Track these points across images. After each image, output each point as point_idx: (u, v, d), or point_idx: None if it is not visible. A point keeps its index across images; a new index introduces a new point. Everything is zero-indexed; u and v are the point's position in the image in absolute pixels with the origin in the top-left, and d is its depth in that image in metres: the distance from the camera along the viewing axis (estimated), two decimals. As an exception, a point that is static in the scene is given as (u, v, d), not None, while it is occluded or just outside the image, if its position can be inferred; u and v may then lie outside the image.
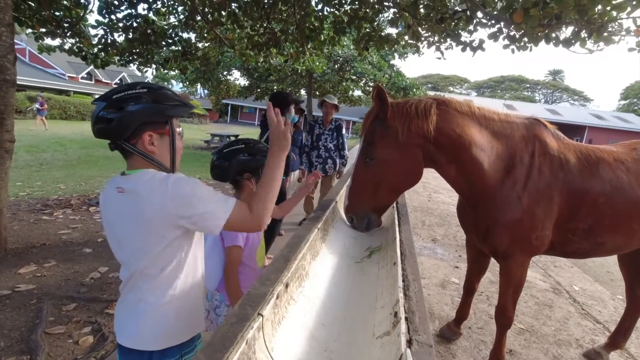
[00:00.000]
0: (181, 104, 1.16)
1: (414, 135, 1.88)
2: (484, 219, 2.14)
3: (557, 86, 64.68)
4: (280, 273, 1.02)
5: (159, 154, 1.14)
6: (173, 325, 1.15)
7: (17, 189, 6.14)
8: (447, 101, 2.02)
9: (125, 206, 1.07)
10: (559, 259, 5.27)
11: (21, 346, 2.40)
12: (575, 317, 3.59)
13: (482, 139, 1.99)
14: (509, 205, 2.03)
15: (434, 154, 1.96)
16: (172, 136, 1.16)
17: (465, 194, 2.21)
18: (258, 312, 0.81)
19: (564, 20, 3.25)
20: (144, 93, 1.08)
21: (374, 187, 1.90)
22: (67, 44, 6.24)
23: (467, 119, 1.99)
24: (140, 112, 1.07)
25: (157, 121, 1.12)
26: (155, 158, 1.13)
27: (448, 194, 9.45)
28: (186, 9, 6.55)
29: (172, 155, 1.16)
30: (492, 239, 2.13)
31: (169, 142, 1.15)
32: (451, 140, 1.93)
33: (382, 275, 1.33)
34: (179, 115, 1.18)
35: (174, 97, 1.15)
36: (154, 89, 1.12)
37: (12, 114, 3.41)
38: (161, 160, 1.14)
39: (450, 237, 5.85)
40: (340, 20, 5.80)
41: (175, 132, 1.17)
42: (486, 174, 2.01)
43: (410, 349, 0.74)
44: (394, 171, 1.90)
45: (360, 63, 14.94)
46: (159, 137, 1.13)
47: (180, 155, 1.22)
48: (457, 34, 5.20)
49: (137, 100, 1.07)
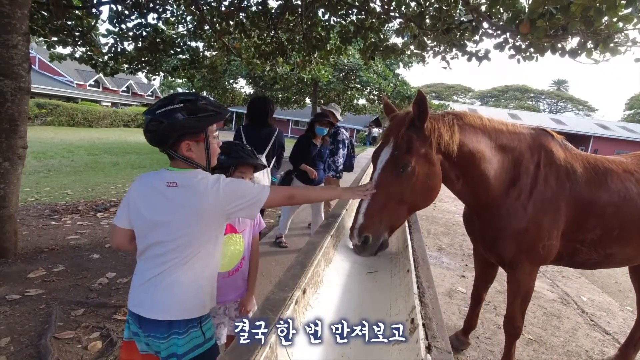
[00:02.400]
0: (214, 113, 1.32)
1: (440, 150, 1.82)
2: (490, 229, 2.14)
3: (561, 96, 64.68)
4: (298, 279, 1.04)
5: (197, 157, 1.34)
6: (200, 299, 1.35)
7: (25, 195, 6.20)
8: (463, 115, 2.00)
9: (179, 197, 1.28)
10: (566, 269, 5.23)
11: (30, 351, 2.41)
12: (584, 328, 3.55)
13: (490, 154, 1.98)
14: (515, 215, 2.03)
15: (446, 170, 1.90)
16: (207, 142, 1.34)
17: (471, 205, 2.21)
18: (279, 317, 0.82)
19: (570, 31, 3.28)
20: (180, 108, 1.25)
21: (399, 202, 1.74)
22: (77, 52, 6.36)
23: (480, 134, 1.97)
24: (177, 125, 1.25)
25: (193, 131, 1.29)
26: (194, 160, 1.33)
27: (453, 203, 9.43)
28: (195, 19, 6.66)
29: (207, 157, 1.36)
30: (498, 249, 2.13)
31: (204, 147, 1.34)
32: (464, 157, 1.89)
33: (395, 283, 1.33)
34: (213, 124, 1.35)
35: (209, 107, 1.31)
36: (190, 101, 1.28)
37: (25, 121, 3.47)
38: (199, 162, 1.35)
39: (456, 246, 5.83)
40: (347, 30, 5.87)
41: (210, 138, 1.35)
42: (492, 186, 2.01)
43: (430, 355, 0.75)
44: (424, 185, 1.77)
45: (365, 72, 15.03)
46: (196, 144, 1.32)
47: (217, 154, 1.43)
48: (463, 44, 5.24)
49: (174, 114, 1.24)
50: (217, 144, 1.43)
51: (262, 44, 6.60)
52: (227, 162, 1.68)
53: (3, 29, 3.14)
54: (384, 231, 1.70)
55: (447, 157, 1.85)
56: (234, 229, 1.74)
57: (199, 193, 1.27)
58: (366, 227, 1.65)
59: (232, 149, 1.70)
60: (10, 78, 3.24)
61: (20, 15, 3.19)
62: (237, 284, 1.78)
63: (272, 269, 4.05)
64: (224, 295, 1.73)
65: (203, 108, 1.28)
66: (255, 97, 5.26)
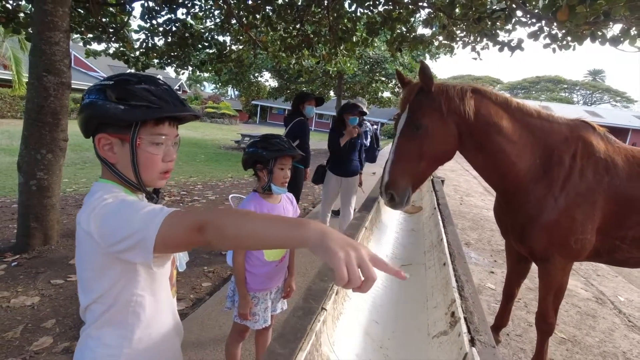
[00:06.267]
0: (155, 107, 0.87)
1: (452, 112, 1.93)
2: (519, 217, 2.10)
3: (597, 87, 61.49)
4: (337, 270, 1.05)
5: (121, 162, 0.91)
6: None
7: (64, 185, 6.51)
8: (483, 90, 2.03)
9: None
10: (601, 268, 5.03)
11: (74, 332, 2.56)
12: (621, 329, 3.42)
13: (512, 132, 1.99)
14: (545, 205, 1.99)
15: (465, 136, 1.99)
16: (133, 145, 0.88)
17: (497, 187, 2.19)
18: (322, 306, 0.84)
19: (612, 17, 3.11)
20: (108, 86, 0.87)
21: (418, 158, 1.93)
22: (111, 48, 6.59)
23: (501, 110, 2.00)
24: (95, 108, 0.86)
25: (115, 123, 0.87)
26: (115, 167, 0.91)
27: (480, 198, 9.21)
28: (222, 13, 6.75)
29: (133, 167, 0.90)
30: (528, 239, 2.09)
31: (130, 151, 0.89)
32: (480, 126, 1.95)
33: (431, 276, 1.33)
34: (149, 118, 0.88)
35: (151, 96, 0.87)
36: (125, 81, 0.88)
37: (66, 115, 3.64)
38: (124, 173, 0.91)
39: (485, 242, 5.71)
40: (374, 21, 5.79)
41: (144, 140, 0.89)
42: (516, 167, 2.00)
43: (474, 348, 0.75)
44: (439, 140, 1.94)
45: (391, 64, 14.82)
46: (120, 143, 0.89)
47: (158, 170, 0.94)
48: (495, 33, 5.08)
49: (99, 93, 0.86)
50: (167, 157, 0.94)
51: (288, 37, 6.62)
52: (266, 155, 1.69)
53: (46, 27, 3.29)
54: (406, 187, 1.89)
55: (463, 120, 1.94)
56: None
57: (78, 222, 0.85)
58: (390, 185, 1.88)
59: (269, 142, 1.71)
60: (53, 74, 3.40)
61: (61, 13, 3.33)
62: (284, 269, 1.91)
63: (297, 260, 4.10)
64: (275, 281, 1.86)
65: (140, 95, 0.86)
66: (300, 92, 5.58)
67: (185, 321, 2.74)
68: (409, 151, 1.93)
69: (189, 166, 9.77)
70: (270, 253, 1.78)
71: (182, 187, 7.34)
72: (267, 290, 1.83)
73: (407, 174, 1.93)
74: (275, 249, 1.69)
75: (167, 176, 0.96)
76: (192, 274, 3.61)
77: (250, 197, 1.79)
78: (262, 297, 1.82)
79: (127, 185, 0.92)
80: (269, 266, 1.79)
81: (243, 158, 1.81)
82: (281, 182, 1.74)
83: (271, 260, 1.79)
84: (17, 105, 18.12)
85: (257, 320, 1.79)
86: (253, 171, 1.83)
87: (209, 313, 2.86)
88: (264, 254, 1.77)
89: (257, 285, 1.78)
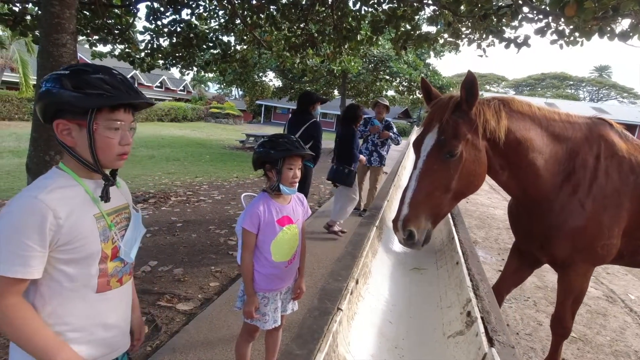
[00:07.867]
0: (108, 95, 0.97)
1: (486, 136, 1.75)
2: (541, 227, 2.00)
3: (603, 83, 60.88)
4: (350, 269, 1.04)
5: (80, 146, 1.01)
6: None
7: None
8: (510, 101, 1.91)
9: None
10: (610, 265, 4.97)
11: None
12: (632, 327, 3.38)
13: (541, 143, 1.87)
14: (570, 212, 1.90)
15: (491, 158, 1.81)
16: (90, 129, 0.98)
17: (519, 199, 2.09)
18: (337, 306, 0.83)
19: (622, 12, 3.08)
20: (64, 75, 0.95)
21: (445, 190, 1.66)
22: (117, 50, 6.62)
23: (529, 122, 1.87)
24: (52, 96, 0.95)
25: (71, 110, 0.96)
26: (75, 150, 1.01)
27: (487, 196, 9.16)
28: (226, 13, 6.75)
29: (91, 150, 1.00)
30: (551, 248, 1.99)
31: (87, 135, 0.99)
32: (511, 145, 1.79)
33: (443, 275, 1.32)
34: (103, 106, 0.98)
35: (104, 84, 0.97)
36: (80, 71, 0.97)
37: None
38: (82, 155, 1.02)
39: (492, 240, 5.68)
40: (378, 19, 5.77)
41: (100, 125, 0.99)
42: (542, 179, 1.89)
43: (494, 349, 0.74)
44: (471, 172, 1.69)
45: (395, 62, 14.74)
46: (78, 127, 0.99)
47: (115, 152, 1.04)
48: (501, 30, 5.04)
49: (56, 81, 0.95)
50: (123, 140, 1.05)
51: (292, 36, 6.61)
52: (274, 155, 1.69)
53: (53, 29, 3.30)
54: (428, 222, 1.63)
55: (493, 144, 1.76)
56: (290, 220, 1.80)
57: None
58: (410, 219, 1.59)
59: (277, 142, 1.71)
60: (60, 76, 3.41)
61: (68, 15, 3.34)
62: (294, 270, 1.89)
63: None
64: (286, 282, 1.84)
65: (94, 83, 0.96)
66: (304, 91, 5.96)
67: (194, 321, 2.75)
68: (437, 181, 1.65)
69: (195, 166, 9.81)
70: (277, 254, 1.78)
71: (188, 188, 7.37)
72: (277, 290, 1.82)
73: (432, 207, 1.64)
74: (282, 251, 1.78)
75: (125, 157, 1.08)
76: (200, 274, 3.62)
77: (260, 197, 1.79)
78: (272, 297, 1.81)
79: (85, 168, 1.03)
80: (278, 267, 1.78)
81: (253, 158, 1.81)
82: (290, 182, 1.73)
83: (279, 261, 1.79)
84: (24, 108, 18.31)
85: (267, 320, 1.79)
86: (263, 171, 1.83)
87: (217, 313, 2.87)
88: (272, 255, 1.77)
89: (266, 285, 1.78)
